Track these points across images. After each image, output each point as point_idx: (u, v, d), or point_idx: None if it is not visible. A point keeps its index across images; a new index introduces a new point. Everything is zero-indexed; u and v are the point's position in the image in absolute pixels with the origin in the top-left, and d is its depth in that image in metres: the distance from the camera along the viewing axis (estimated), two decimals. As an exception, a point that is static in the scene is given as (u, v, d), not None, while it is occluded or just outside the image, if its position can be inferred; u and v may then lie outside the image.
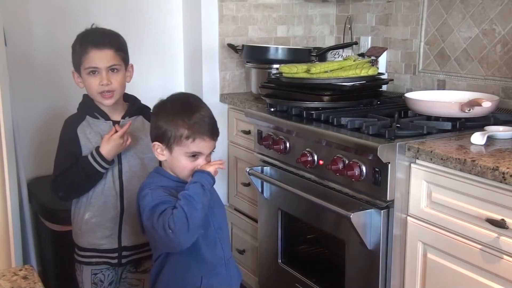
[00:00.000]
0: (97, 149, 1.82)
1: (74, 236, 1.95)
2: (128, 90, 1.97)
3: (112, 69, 1.85)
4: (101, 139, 1.86)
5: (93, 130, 1.88)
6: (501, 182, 1.50)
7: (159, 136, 1.61)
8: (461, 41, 2.41)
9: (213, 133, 1.62)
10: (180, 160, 1.61)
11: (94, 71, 1.84)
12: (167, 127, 1.59)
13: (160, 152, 1.62)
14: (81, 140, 1.87)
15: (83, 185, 1.87)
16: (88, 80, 1.85)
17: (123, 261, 1.92)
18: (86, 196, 1.89)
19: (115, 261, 1.92)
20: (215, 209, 1.68)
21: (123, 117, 1.92)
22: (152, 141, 1.64)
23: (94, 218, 1.89)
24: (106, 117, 1.90)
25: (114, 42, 1.86)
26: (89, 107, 1.91)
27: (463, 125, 1.94)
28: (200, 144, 1.59)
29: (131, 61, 1.95)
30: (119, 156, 1.88)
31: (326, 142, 2.01)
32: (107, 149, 1.82)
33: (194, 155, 1.60)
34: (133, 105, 1.96)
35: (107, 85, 1.83)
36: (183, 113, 1.59)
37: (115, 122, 1.90)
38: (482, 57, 2.33)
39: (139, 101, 1.99)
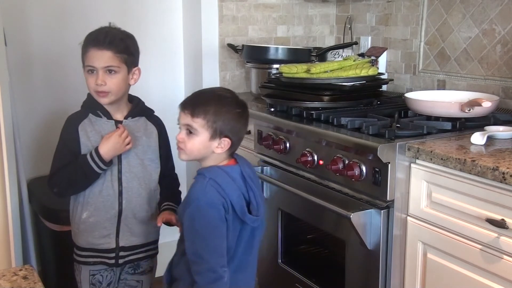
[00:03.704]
0: (96, 149, 1.82)
1: (73, 236, 1.96)
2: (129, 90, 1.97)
3: (109, 70, 1.83)
4: (101, 139, 1.86)
5: (94, 128, 1.88)
6: (501, 182, 1.50)
7: None
8: (461, 41, 2.41)
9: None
10: None
11: (92, 70, 1.84)
12: None
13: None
14: (81, 138, 1.87)
15: (79, 184, 1.87)
16: (87, 78, 1.86)
17: (120, 261, 1.92)
18: (83, 195, 1.88)
19: (112, 261, 1.92)
20: None
21: (125, 117, 1.92)
22: None
23: (92, 218, 1.89)
24: (109, 116, 1.90)
25: (115, 44, 1.83)
26: (93, 105, 1.90)
27: (463, 125, 1.94)
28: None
29: None
30: (119, 156, 1.88)
31: (326, 142, 2.01)
32: (106, 148, 1.82)
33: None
34: (136, 106, 1.95)
35: (101, 86, 1.83)
36: None
37: (117, 122, 1.90)
38: (482, 57, 2.33)
39: (143, 102, 1.99)
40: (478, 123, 1.95)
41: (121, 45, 1.85)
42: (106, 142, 1.82)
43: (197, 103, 1.64)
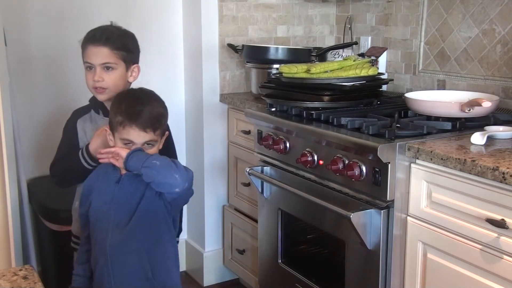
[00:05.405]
0: (87, 146, 1.86)
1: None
2: (128, 90, 1.97)
3: (106, 66, 1.86)
4: None
5: (92, 124, 1.94)
6: (501, 182, 1.50)
7: (109, 123, 1.74)
8: (461, 41, 2.41)
9: (145, 124, 1.69)
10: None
11: (90, 67, 1.87)
12: (111, 114, 1.73)
13: (110, 138, 1.75)
14: (79, 133, 1.93)
15: (74, 176, 1.92)
16: (85, 75, 1.90)
17: None
18: (81, 185, 1.92)
19: None
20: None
21: None
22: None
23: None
24: (106, 114, 1.91)
25: (112, 40, 1.86)
26: (95, 102, 1.97)
27: (463, 125, 1.94)
28: (130, 132, 1.68)
29: None
30: None
31: (326, 142, 2.01)
32: (95, 145, 1.84)
33: (128, 143, 1.70)
34: None
35: (98, 82, 1.86)
36: (124, 101, 1.73)
37: None
38: (482, 57, 2.33)
39: None
40: (478, 123, 1.94)
41: (118, 42, 1.88)
42: (96, 139, 1.84)
43: (152, 115, 1.71)
